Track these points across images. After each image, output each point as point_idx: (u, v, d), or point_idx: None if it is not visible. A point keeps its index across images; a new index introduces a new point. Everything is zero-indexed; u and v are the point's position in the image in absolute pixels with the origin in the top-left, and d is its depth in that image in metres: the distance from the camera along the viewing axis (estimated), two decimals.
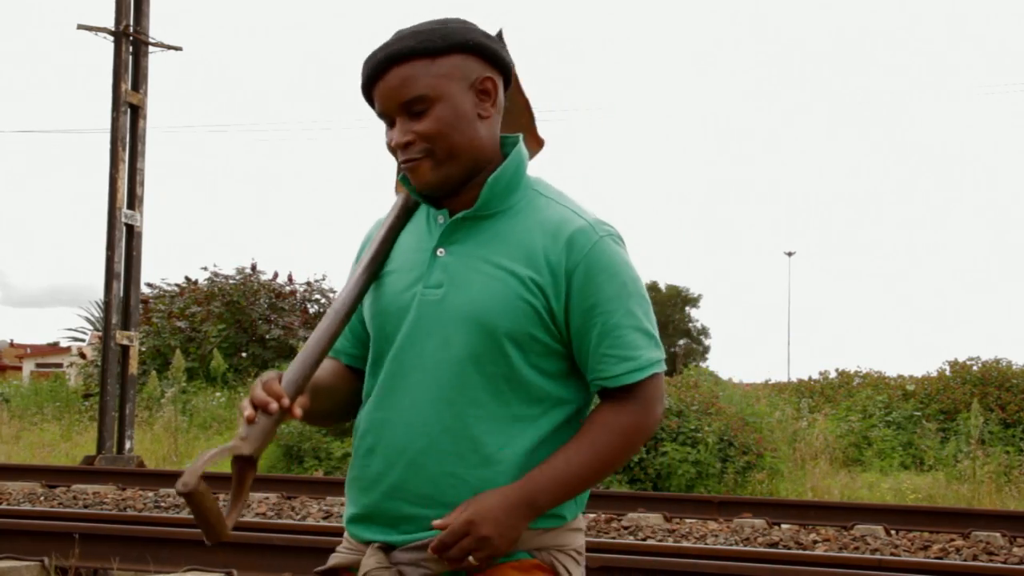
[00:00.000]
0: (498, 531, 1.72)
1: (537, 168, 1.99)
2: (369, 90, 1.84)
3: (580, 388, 1.87)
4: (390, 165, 1.92)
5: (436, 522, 1.74)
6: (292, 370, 1.79)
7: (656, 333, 1.84)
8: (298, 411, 1.74)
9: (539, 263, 1.79)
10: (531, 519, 1.76)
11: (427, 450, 1.79)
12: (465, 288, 1.79)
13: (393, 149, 1.83)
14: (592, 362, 1.81)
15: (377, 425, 1.84)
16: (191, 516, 1.78)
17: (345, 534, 1.93)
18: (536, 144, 2.17)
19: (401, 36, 1.81)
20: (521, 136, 1.92)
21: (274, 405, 1.71)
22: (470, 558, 1.72)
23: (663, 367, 1.84)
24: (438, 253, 1.83)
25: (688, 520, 8.22)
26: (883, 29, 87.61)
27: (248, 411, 1.72)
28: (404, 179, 1.87)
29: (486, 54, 1.83)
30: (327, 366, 1.95)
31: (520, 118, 2.13)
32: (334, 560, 1.91)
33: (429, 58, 1.79)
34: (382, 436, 1.83)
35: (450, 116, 1.79)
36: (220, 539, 1.75)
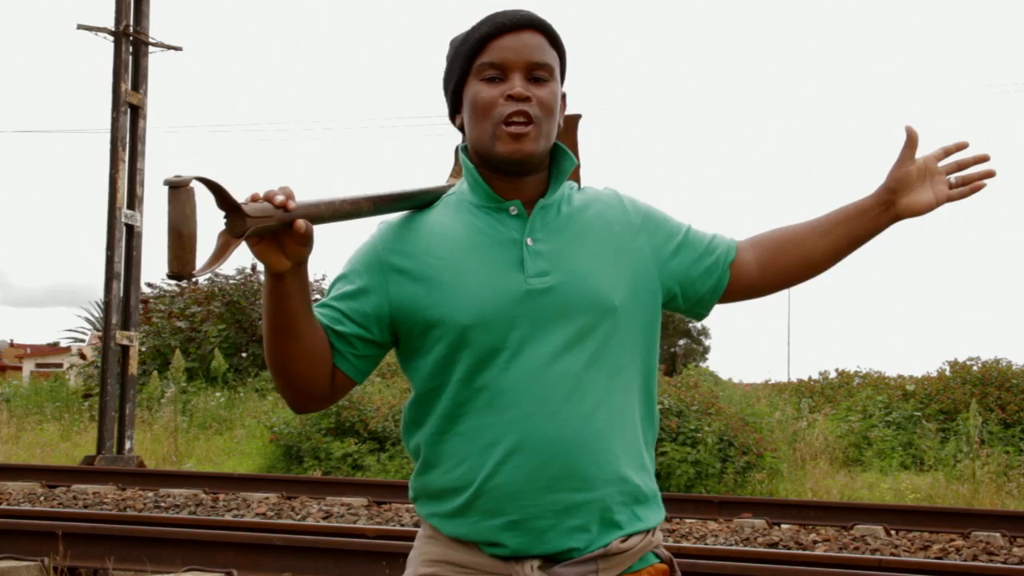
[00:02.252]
0: None
1: None
2: (485, 41, 1.81)
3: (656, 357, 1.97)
4: (397, 164, 1.90)
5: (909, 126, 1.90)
6: (303, 201, 1.69)
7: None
8: (301, 223, 1.63)
9: (618, 229, 1.88)
10: None
11: (583, 431, 1.75)
12: (575, 270, 1.80)
13: (494, 102, 1.78)
14: (700, 266, 1.93)
15: (516, 423, 1.74)
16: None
17: (436, 554, 1.82)
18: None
19: (527, 10, 1.85)
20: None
21: (280, 198, 1.62)
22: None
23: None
24: (528, 242, 1.81)
25: (688, 520, 8.22)
26: (883, 29, 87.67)
27: (252, 194, 1.64)
28: (464, 150, 1.87)
29: (564, 72, 1.91)
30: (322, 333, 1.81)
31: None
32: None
33: (551, 42, 1.85)
34: (527, 432, 1.74)
35: (557, 99, 1.84)
36: (184, 271, 1.57)
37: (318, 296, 22.23)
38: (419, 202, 1.91)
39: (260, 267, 22.47)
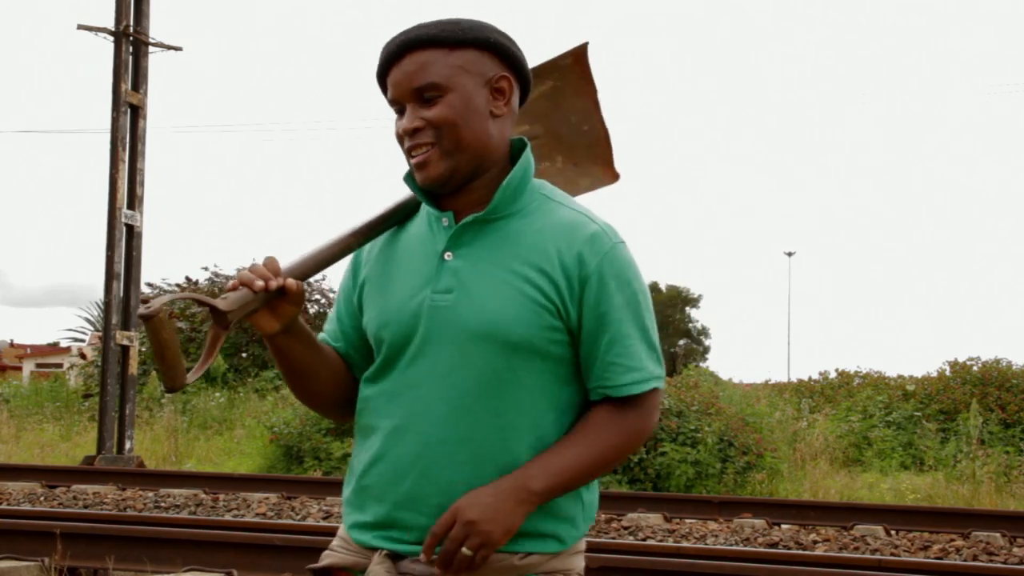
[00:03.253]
0: (487, 515, 1.68)
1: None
2: (384, 77, 1.83)
3: (583, 393, 1.85)
4: (396, 165, 1.91)
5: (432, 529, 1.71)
6: (291, 261, 1.82)
7: (659, 348, 1.83)
8: (291, 283, 1.76)
9: (553, 267, 1.76)
10: (527, 508, 1.71)
11: (443, 461, 1.75)
12: (477, 295, 1.76)
13: (401, 137, 1.81)
14: (598, 369, 1.79)
15: (388, 432, 1.80)
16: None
17: (340, 533, 1.90)
18: (612, 177, 2.14)
19: (421, 25, 1.81)
20: (528, 140, 1.89)
21: (259, 283, 1.72)
22: (464, 549, 1.67)
23: (663, 384, 1.84)
24: (446, 257, 1.79)
25: (688, 520, 8.22)
26: (884, 28, 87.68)
27: (232, 282, 1.75)
28: (408, 177, 1.85)
29: (504, 54, 1.82)
30: (330, 349, 1.94)
31: (598, 147, 2.11)
32: (328, 559, 1.89)
33: (447, 48, 1.78)
34: (393, 444, 1.79)
35: (461, 107, 1.77)
36: (177, 384, 1.73)
37: (319, 297, 22.28)
38: (403, 214, 1.93)
39: None
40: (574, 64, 2.02)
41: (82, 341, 41.79)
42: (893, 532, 7.76)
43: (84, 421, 17.67)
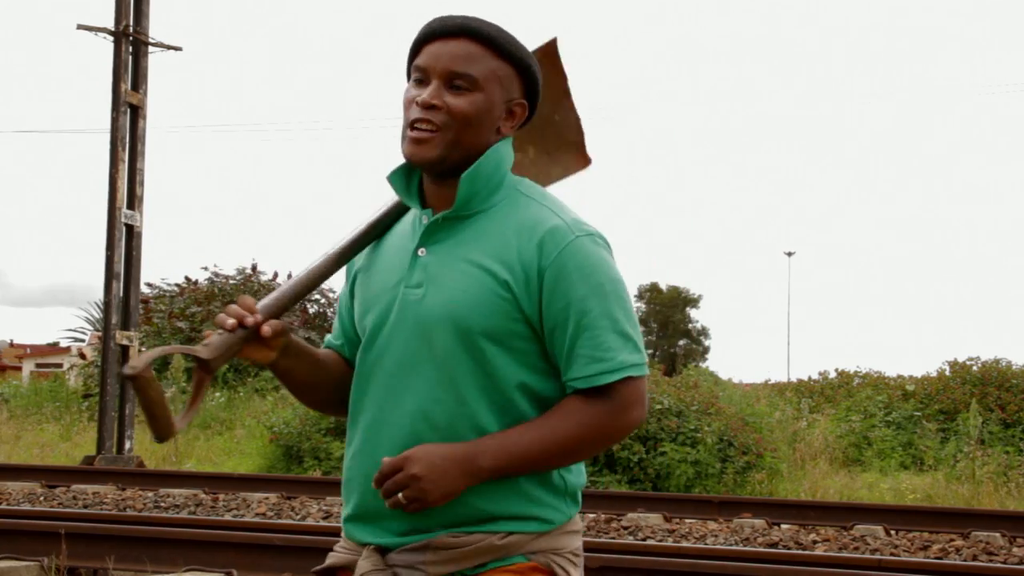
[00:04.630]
0: (431, 473, 1.72)
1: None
2: (422, 44, 1.84)
3: (561, 386, 1.85)
4: (391, 165, 1.91)
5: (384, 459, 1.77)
6: (267, 298, 1.87)
7: (637, 336, 1.81)
8: (266, 329, 1.80)
9: (512, 262, 1.79)
10: (471, 480, 1.75)
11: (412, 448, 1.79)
12: (442, 287, 1.81)
13: (409, 104, 1.83)
14: (565, 362, 1.80)
15: (364, 425, 1.86)
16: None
17: (342, 534, 1.94)
18: (584, 162, 2.16)
19: (480, 19, 1.84)
20: (510, 138, 1.91)
21: (231, 322, 1.79)
22: (400, 496, 1.73)
23: (642, 371, 1.80)
24: (419, 253, 1.85)
25: (688, 520, 8.23)
26: (884, 28, 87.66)
27: (207, 330, 1.84)
28: (394, 175, 1.89)
29: (531, 84, 1.88)
30: (330, 354, 2.00)
31: (569, 134, 2.14)
32: (331, 559, 1.92)
33: (495, 52, 1.83)
34: (369, 436, 1.85)
35: (481, 110, 1.81)
36: (166, 436, 1.77)
37: (318, 297, 22.28)
38: (381, 229, 1.97)
39: (260, 267, 22.47)
40: (543, 58, 2.05)
41: (82, 341, 41.76)
42: (893, 532, 7.76)
43: (84, 421, 17.66)
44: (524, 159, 2.13)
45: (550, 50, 2.13)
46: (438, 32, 1.82)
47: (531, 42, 1.99)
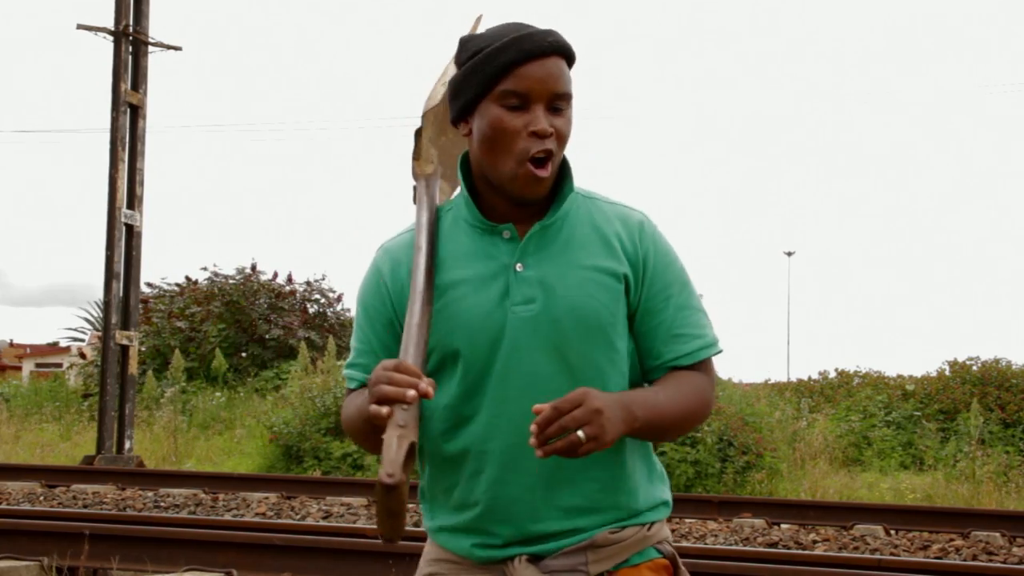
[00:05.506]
0: (609, 410, 1.64)
1: None
2: (511, 67, 1.75)
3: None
4: (392, 165, 1.90)
5: (537, 407, 1.64)
6: (410, 354, 1.71)
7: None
8: (431, 391, 1.64)
9: (619, 255, 1.83)
10: (628, 428, 1.70)
11: (570, 465, 1.77)
12: (563, 297, 1.78)
13: (518, 132, 1.74)
14: (661, 342, 1.85)
15: (499, 452, 1.79)
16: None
17: (436, 553, 1.90)
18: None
19: (556, 33, 1.79)
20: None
21: (412, 394, 1.61)
22: (580, 433, 1.61)
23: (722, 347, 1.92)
24: (517, 268, 1.79)
25: (688, 520, 8.22)
26: (884, 28, 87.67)
27: (385, 409, 1.61)
28: (465, 184, 1.84)
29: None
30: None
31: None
32: None
33: (570, 64, 1.81)
34: (508, 462, 1.79)
35: (571, 124, 1.81)
36: (400, 536, 1.65)
37: (318, 297, 22.24)
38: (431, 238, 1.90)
39: (260, 267, 22.46)
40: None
41: (82, 341, 41.78)
42: (893, 532, 7.76)
43: (84, 421, 17.66)
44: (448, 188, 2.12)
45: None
46: (535, 54, 1.75)
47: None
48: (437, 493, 1.88)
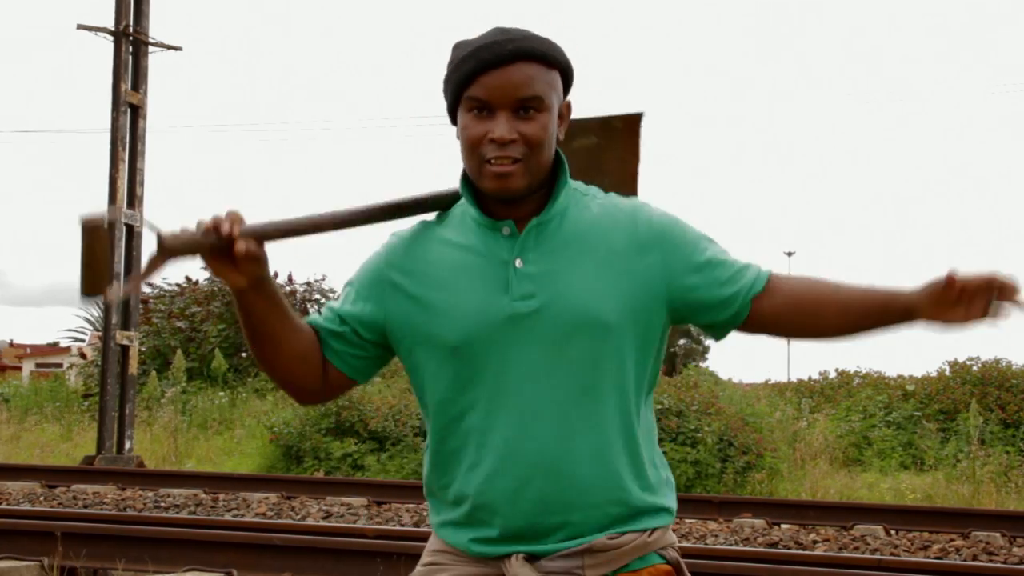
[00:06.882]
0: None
1: None
2: (473, 77, 1.78)
3: (653, 364, 1.90)
4: (396, 164, 1.91)
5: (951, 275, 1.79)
6: (261, 220, 1.81)
7: None
8: (240, 246, 1.73)
9: (627, 247, 1.84)
10: None
11: (565, 458, 1.79)
12: (565, 292, 1.80)
13: (480, 140, 1.78)
14: (726, 286, 1.86)
15: (498, 445, 1.81)
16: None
17: (439, 545, 1.92)
18: (634, 192, 2.21)
19: (526, 35, 1.81)
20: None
21: (207, 224, 1.73)
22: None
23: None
24: (516, 264, 1.82)
25: (688, 520, 8.22)
26: (885, 28, 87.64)
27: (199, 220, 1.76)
28: (465, 181, 1.86)
29: (569, 81, 1.87)
30: (305, 325, 1.92)
31: (630, 164, 2.17)
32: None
33: (547, 65, 1.81)
34: (507, 455, 1.81)
35: (549, 127, 1.81)
36: (94, 292, 1.75)
37: (318, 297, 22.26)
38: (417, 212, 1.94)
39: None
40: (624, 130, 2.05)
41: (82, 341, 41.74)
42: (893, 532, 7.75)
43: (84, 421, 17.66)
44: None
45: (633, 123, 2.13)
46: (492, 63, 1.77)
47: (614, 109, 2.00)
48: (439, 488, 1.90)
